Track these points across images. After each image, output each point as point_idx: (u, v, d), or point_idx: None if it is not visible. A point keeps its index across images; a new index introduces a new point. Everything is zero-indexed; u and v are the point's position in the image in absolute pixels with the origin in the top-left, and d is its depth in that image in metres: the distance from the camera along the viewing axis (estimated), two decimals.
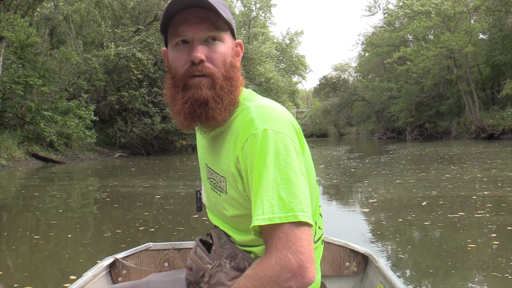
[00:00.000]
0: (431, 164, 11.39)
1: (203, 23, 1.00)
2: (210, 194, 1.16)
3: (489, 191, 6.23)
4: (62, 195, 7.81)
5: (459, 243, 3.64)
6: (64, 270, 3.24)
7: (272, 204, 0.89)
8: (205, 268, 1.14)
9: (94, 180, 10.37)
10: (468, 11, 28.39)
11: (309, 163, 1.06)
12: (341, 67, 64.69)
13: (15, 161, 15.95)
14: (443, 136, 33.44)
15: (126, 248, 3.67)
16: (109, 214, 5.67)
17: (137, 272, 1.78)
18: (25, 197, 7.53)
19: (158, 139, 22.23)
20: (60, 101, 18.45)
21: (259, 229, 0.92)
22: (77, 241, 4.16)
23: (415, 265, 3.20)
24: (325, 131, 64.27)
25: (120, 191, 7.78)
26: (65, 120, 17.99)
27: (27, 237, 4.41)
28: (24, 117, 17.85)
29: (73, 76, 21.19)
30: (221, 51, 1.02)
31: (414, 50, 31.84)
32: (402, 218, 4.62)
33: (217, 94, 1.01)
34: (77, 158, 19.04)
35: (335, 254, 1.78)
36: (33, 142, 18.25)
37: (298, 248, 0.87)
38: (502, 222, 4.23)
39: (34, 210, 6.06)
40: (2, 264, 3.36)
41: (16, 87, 16.36)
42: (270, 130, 0.95)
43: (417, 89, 36.87)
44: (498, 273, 2.83)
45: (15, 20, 15.00)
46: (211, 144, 1.12)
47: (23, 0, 16.96)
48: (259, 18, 50.95)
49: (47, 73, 17.80)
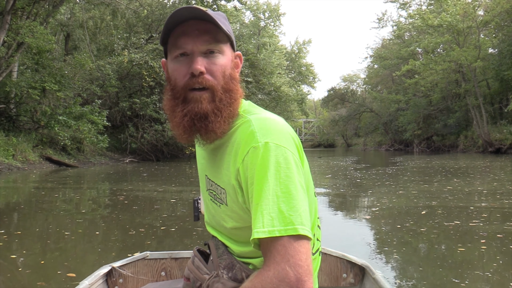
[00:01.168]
0: (435, 176, 11.65)
1: (203, 36, 1.01)
2: (209, 205, 1.17)
3: (486, 203, 6.51)
4: (82, 197, 8.21)
5: (449, 246, 3.95)
6: (98, 262, 3.60)
7: (272, 217, 0.90)
8: (203, 278, 1.14)
9: (110, 184, 10.76)
10: (477, 25, 28.65)
11: (308, 176, 1.07)
12: (350, 78, 64.95)
13: (29, 164, 16.42)
14: (450, 149, 33.55)
15: (153, 245, 4.05)
16: (130, 215, 6.02)
17: (134, 281, 1.77)
18: (46, 199, 7.92)
19: (168, 145, 22.66)
20: (74, 106, 18.95)
21: (259, 241, 0.93)
22: (106, 238, 4.52)
23: (405, 263, 3.51)
24: (333, 141, 64.46)
25: (136, 194, 8.16)
26: (79, 125, 18.46)
27: (60, 234, 4.78)
28: (39, 121, 18.37)
29: (87, 82, 21.75)
30: (220, 63, 1.03)
31: (422, 64, 32.10)
32: (400, 225, 4.94)
33: (216, 107, 1.02)
34: (89, 163, 19.50)
35: (332, 266, 1.80)
36: (46, 146, 18.75)
37: (297, 262, 0.87)
38: (493, 230, 4.53)
39: (59, 211, 6.46)
40: (24, 265, 3.72)
41: (33, 92, 16.89)
42: (271, 143, 0.96)
43: (425, 102, 37.09)
44: (480, 272, 3.16)
45: (35, 28, 15.55)
46: (211, 155, 1.12)
47: (41, 8, 17.59)
48: (268, 27, 51.47)
49: (63, 79, 18.34)
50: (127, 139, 22.29)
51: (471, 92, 30.21)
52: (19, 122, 18.69)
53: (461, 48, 28.58)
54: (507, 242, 4.00)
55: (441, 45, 32.77)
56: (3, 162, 15.13)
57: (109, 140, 20.67)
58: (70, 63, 20.51)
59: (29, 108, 18.24)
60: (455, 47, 29.12)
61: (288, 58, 57.82)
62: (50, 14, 17.73)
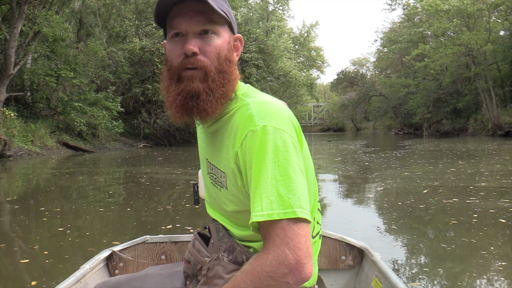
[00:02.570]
0: (441, 159, 12.01)
1: (197, 16, 1.01)
2: (210, 189, 1.18)
3: (486, 183, 6.90)
4: (106, 179, 8.76)
5: (443, 220, 4.39)
6: (137, 233, 4.10)
7: (270, 201, 0.91)
8: (203, 261, 1.15)
9: (128, 167, 11.31)
10: (487, 8, 28.49)
11: (308, 159, 1.07)
12: (359, 62, 64.79)
13: (47, 149, 17.07)
14: (460, 133, 33.63)
15: (181, 220, 4.53)
16: (155, 194, 6.52)
17: (134, 265, 1.80)
18: (73, 182, 8.47)
19: (180, 130, 23.20)
20: (89, 93, 19.49)
21: (258, 225, 0.93)
22: (138, 214, 4.99)
23: (401, 234, 3.95)
24: (342, 125, 64.52)
25: (156, 177, 8.70)
26: (93, 111, 19.02)
27: (96, 211, 5.30)
28: (56, 108, 18.97)
29: (99, 69, 22.25)
30: (215, 44, 1.03)
31: (432, 48, 32.04)
32: (401, 202, 5.38)
33: (208, 87, 1.02)
34: (104, 148, 20.12)
35: (331, 248, 1.82)
36: (63, 132, 19.39)
37: (296, 244, 0.88)
38: (487, 206, 4.94)
39: (88, 191, 7.00)
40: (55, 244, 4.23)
41: (49, 79, 17.44)
42: (270, 126, 0.96)
43: (435, 85, 37.05)
44: (466, 239, 3.62)
45: (51, 17, 16.01)
46: (211, 139, 1.13)
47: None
48: (277, 11, 51.29)
49: (77, 66, 18.86)
50: (140, 125, 22.85)
51: (481, 76, 30.18)
52: (35, 109, 19.31)
53: (471, 31, 28.50)
54: (497, 216, 4.42)
55: (451, 28, 32.66)
56: (23, 148, 15.77)
57: (123, 125, 21.26)
58: (83, 50, 20.99)
59: (45, 95, 18.81)
60: (465, 30, 29.04)
61: (297, 43, 57.72)
62: (65, 3, 18.11)
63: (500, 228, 4.00)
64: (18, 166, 11.78)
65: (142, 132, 22.97)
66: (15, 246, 3.72)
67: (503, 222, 4.15)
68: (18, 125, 16.37)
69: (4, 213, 5.15)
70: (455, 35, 31.57)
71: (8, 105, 16.76)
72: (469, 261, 3.10)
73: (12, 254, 3.48)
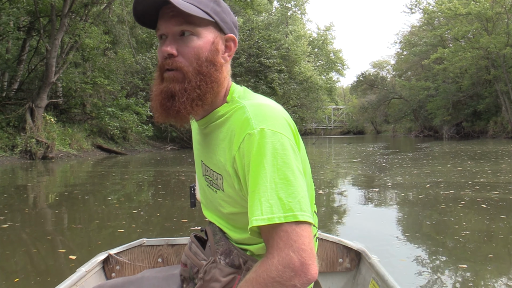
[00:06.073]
0: (452, 159, 12.76)
1: (175, 18, 1.01)
2: (206, 191, 1.17)
3: (485, 179, 7.71)
4: (145, 177, 9.86)
5: (435, 205, 5.29)
6: (175, 224, 5.14)
7: (270, 204, 0.90)
8: (200, 264, 1.15)
9: (163, 167, 12.38)
10: (506, 11, 28.82)
11: (305, 162, 1.07)
12: (379, 64, 65.15)
13: (84, 152, 18.46)
14: (480, 135, 33.87)
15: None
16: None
17: (131, 268, 1.81)
18: (115, 179, 9.60)
19: None
20: (121, 98, 20.86)
21: (258, 229, 0.93)
22: (183, 208, 6.05)
23: (395, 214, 4.87)
24: (362, 128, 64.87)
25: (192, 174, 9.72)
26: (125, 116, 20.36)
27: (140, 202, 6.38)
28: (91, 113, 20.43)
29: (128, 76, 23.62)
30: (193, 46, 1.01)
31: (451, 51, 32.46)
32: (404, 193, 6.30)
33: (184, 88, 1.01)
34: (134, 150, 21.46)
35: (328, 251, 1.81)
36: (96, 135, 20.81)
37: (300, 246, 0.88)
38: (476, 196, 5.81)
39: (130, 187, 8.12)
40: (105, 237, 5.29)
41: (86, 87, 18.85)
42: (267, 129, 0.95)
43: (455, 88, 37.38)
44: (446, 218, 4.55)
45: (89, 28, 17.40)
46: (205, 141, 1.13)
47: (92, 9, 19.42)
48: (295, 16, 52.21)
49: (111, 73, 20.26)
50: (167, 128, 24.11)
51: (500, 78, 30.48)
52: (71, 114, 20.78)
53: (489, 35, 28.87)
54: (481, 203, 5.30)
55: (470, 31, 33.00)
56: (63, 150, 17.17)
57: (152, 129, 22.54)
58: (113, 58, 22.38)
59: (80, 101, 20.25)
60: (484, 34, 29.42)
61: (316, 46, 58.39)
62: (99, 15, 19.51)
63: (478, 211, 4.87)
64: (59, 167, 13.06)
65: (169, 135, 24.24)
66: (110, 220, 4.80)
67: (484, 207, 5.03)
68: (57, 129, 17.80)
69: (99, 198, 6.27)
70: (473, 38, 31.93)
71: (47, 111, 18.21)
72: (443, 233, 4.00)
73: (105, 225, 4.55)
